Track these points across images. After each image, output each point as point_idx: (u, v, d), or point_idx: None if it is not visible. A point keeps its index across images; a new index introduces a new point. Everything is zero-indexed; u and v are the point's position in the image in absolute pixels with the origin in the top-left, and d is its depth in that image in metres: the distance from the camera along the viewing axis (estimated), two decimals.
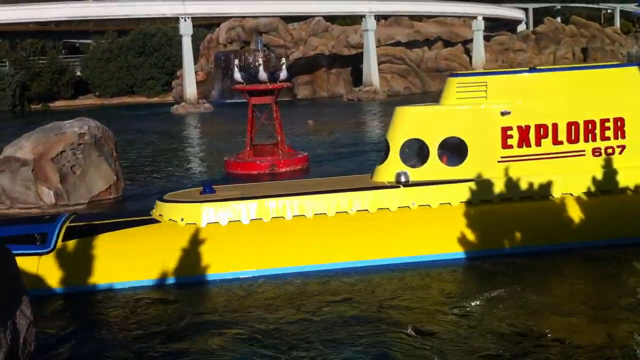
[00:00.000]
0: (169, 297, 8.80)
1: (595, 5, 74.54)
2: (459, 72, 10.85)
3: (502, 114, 9.88)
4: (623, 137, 10.05)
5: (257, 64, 18.07)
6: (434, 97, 41.88)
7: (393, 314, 7.83)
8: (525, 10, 67.40)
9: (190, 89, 44.04)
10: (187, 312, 8.19)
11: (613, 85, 10.17)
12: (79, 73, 57.28)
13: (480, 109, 10.02)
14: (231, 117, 34.07)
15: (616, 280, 8.79)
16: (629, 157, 10.08)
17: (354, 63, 49.84)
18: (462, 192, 9.81)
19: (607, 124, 10.01)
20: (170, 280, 9.16)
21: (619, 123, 10.03)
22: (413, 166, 10.13)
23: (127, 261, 9.20)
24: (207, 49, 52.46)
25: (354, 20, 54.53)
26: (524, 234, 9.71)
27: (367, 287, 8.82)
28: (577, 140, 10.00)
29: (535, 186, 9.87)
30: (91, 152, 14.54)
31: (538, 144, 9.94)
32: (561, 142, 9.98)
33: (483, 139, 9.96)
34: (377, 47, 47.80)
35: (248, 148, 17.84)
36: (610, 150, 10.07)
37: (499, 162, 9.93)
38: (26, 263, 8.62)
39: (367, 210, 9.70)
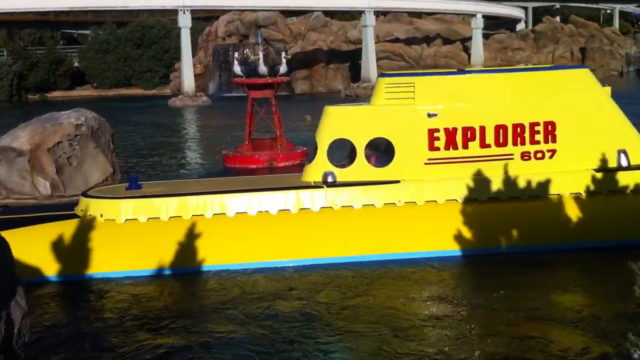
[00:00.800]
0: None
1: (594, 5, 74.46)
2: (389, 72, 10.64)
3: (429, 115, 9.76)
4: (554, 141, 9.85)
5: (257, 57, 18.00)
6: None
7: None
8: (525, 9, 67.32)
9: (188, 82, 43.92)
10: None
11: (544, 89, 9.97)
12: (76, 64, 57.06)
13: (408, 110, 9.85)
14: (229, 111, 34.00)
15: (605, 282, 8.76)
16: (560, 162, 9.86)
17: (352, 59, 49.75)
18: (386, 194, 9.68)
19: (537, 128, 9.82)
20: (79, 276, 9.03)
21: (549, 127, 9.84)
22: (341, 166, 10.02)
23: (37, 257, 9.00)
24: (205, 42, 52.31)
25: (353, 15, 54.40)
26: (447, 236, 9.56)
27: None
28: (505, 144, 9.82)
29: (462, 189, 9.69)
30: (88, 144, 14.50)
31: (465, 146, 9.77)
32: (489, 146, 9.80)
33: (410, 140, 9.83)
34: (375, 43, 47.73)
35: (246, 142, 17.80)
36: (540, 155, 9.87)
37: (425, 164, 9.81)
38: None
39: (289, 210, 9.56)
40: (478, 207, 9.64)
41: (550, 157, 9.87)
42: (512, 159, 9.84)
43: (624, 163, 9.94)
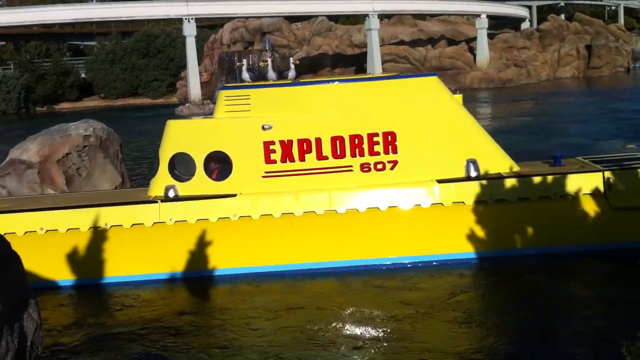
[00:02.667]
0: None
1: (599, 2, 74.28)
2: (229, 85, 10.42)
3: (264, 128, 9.61)
4: (395, 152, 9.61)
5: (266, 64, 18.00)
6: None
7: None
8: (529, 7, 67.21)
9: (195, 90, 44.04)
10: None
11: (384, 98, 9.72)
12: (83, 75, 57.35)
13: (243, 123, 9.70)
14: None
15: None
16: (402, 173, 9.62)
17: (357, 62, 49.75)
18: (221, 208, 9.50)
19: (375, 139, 9.58)
20: None
21: (389, 137, 9.59)
22: (183, 180, 9.86)
23: None
24: (211, 49, 52.43)
25: (357, 19, 54.44)
26: (284, 250, 9.40)
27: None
28: (343, 156, 9.61)
29: (298, 202, 9.49)
30: (96, 154, 14.53)
31: (302, 159, 9.61)
32: (326, 157, 9.60)
33: (247, 153, 9.69)
34: (380, 46, 47.73)
35: None
36: (380, 166, 9.63)
37: (263, 177, 9.65)
38: None
39: (121, 225, 9.38)
40: (315, 220, 9.45)
41: (392, 168, 9.62)
42: (351, 170, 9.63)
43: (473, 173, 9.62)
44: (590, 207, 9.34)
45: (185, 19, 44.06)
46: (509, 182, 9.49)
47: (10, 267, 4.18)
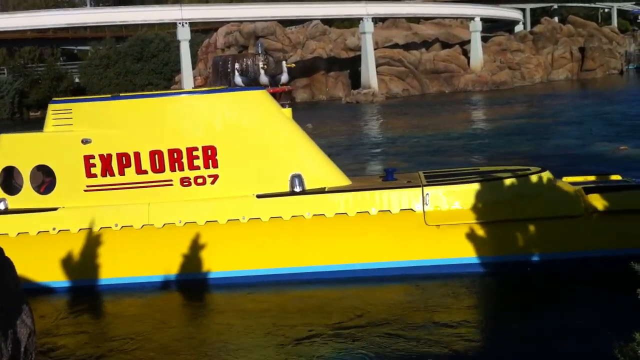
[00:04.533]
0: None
1: (592, 5, 74.56)
2: (56, 99, 10.33)
3: (84, 142, 9.60)
4: (215, 166, 9.55)
5: (264, 67, 17.96)
6: (432, 99, 41.90)
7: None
8: (523, 10, 67.40)
9: None
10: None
11: (202, 113, 9.68)
12: (77, 80, 57.27)
13: (65, 137, 9.69)
14: None
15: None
16: (222, 188, 9.55)
17: (352, 66, 49.84)
18: (40, 221, 9.52)
19: (195, 153, 9.54)
20: None
21: (209, 152, 9.55)
22: (14, 194, 9.84)
23: None
24: (205, 53, 52.46)
25: (351, 23, 54.52)
26: (106, 265, 9.34)
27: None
28: (162, 170, 9.59)
29: (116, 216, 9.50)
30: None
31: (122, 173, 9.60)
32: (145, 172, 9.60)
33: (69, 167, 9.68)
34: (375, 49, 47.81)
35: None
36: (200, 180, 9.58)
37: (85, 190, 9.64)
38: None
39: None
40: (133, 234, 9.45)
41: (212, 182, 9.56)
42: (171, 184, 9.60)
43: (297, 188, 9.58)
44: (406, 223, 9.22)
45: (179, 23, 44.07)
46: (329, 198, 9.46)
47: (3, 272, 4.17)
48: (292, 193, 9.60)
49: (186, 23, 44.10)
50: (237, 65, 20.42)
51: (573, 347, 6.82)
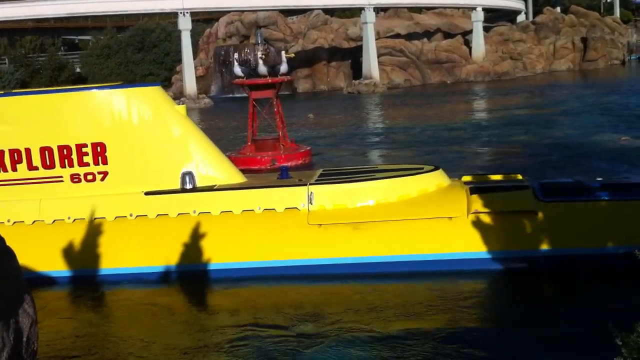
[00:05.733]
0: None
1: None
2: None
3: None
4: (105, 163, 9.52)
5: (259, 57, 17.95)
6: (434, 89, 41.88)
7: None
8: (525, 0, 67.22)
9: (190, 85, 44.00)
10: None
11: (92, 109, 9.62)
12: (78, 69, 57.31)
13: None
14: (232, 112, 34.05)
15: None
16: (112, 184, 9.53)
17: (353, 56, 49.76)
18: None
19: (84, 150, 9.50)
20: None
21: (98, 148, 9.50)
22: None
23: None
24: (206, 43, 52.40)
25: (353, 12, 54.40)
26: None
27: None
28: (52, 166, 9.55)
29: (9, 212, 9.52)
30: None
31: (14, 169, 9.56)
32: (37, 168, 9.57)
33: None
34: (376, 39, 47.72)
35: (249, 143, 17.79)
36: (90, 177, 9.56)
37: None
38: None
39: None
40: (24, 230, 9.42)
41: (102, 179, 9.53)
42: (61, 181, 9.58)
43: (188, 185, 9.56)
44: (290, 222, 9.14)
45: (181, 12, 43.99)
46: (216, 195, 9.43)
47: (5, 262, 4.18)
48: (182, 190, 9.57)
49: (187, 13, 44.02)
50: (235, 56, 20.37)
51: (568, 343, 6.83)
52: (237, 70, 18.07)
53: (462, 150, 18.92)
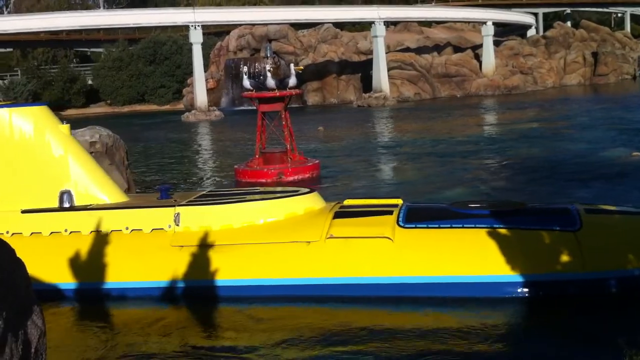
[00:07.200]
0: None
1: (605, 10, 74.21)
2: None
3: None
4: None
5: (267, 70, 18.05)
6: (444, 103, 41.83)
7: None
8: (535, 15, 67.23)
9: (201, 97, 44.19)
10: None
11: None
12: (90, 81, 57.62)
13: None
14: (242, 124, 34.15)
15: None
16: None
17: (363, 69, 49.86)
18: None
19: None
20: None
21: None
22: None
23: None
24: (217, 56, 52.63)
25: (363, 26, 54.58)
26: None
27: None
28: None
29: None
30: (102, 161, 14.57)
31: None
32: None
33: None
34: (386, 53, 47.82)
35: (257, 156, 17.83)
36: None
37: None
38: None
39: None
40: None
41: None
42: None
43: (66, 204, 9.54)
44: (155, 243, 9.05)
45: (192, 26, 44.27)
46: (89, 215, 9.39)
47: (14, 273, 4.19)
48: (57, 209, 9.57)
49: (199, 26, 44.29)
50: (244, 69, 20.46)
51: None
52: (246, 83, 18.17)
53: (467, 163, 18.90)
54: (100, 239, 9.20)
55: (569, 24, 63.83)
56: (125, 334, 8.00)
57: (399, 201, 9.53)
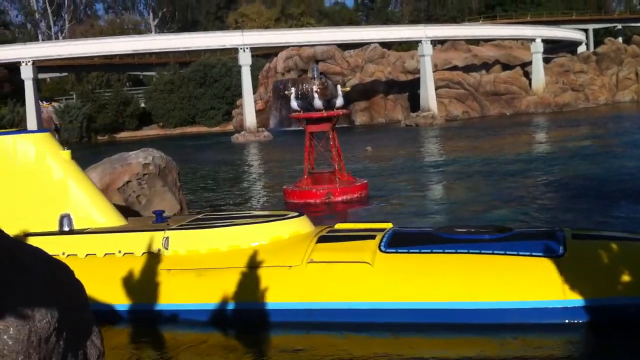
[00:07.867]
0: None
1: None
2: None
3: None
4: None
5: (314, 91, 18.24)
6: (492, 121, 41.39)
7: None
8: (585, 31, 66.31)
9: (250, 118, 44.75)
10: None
11: None
12: (142, 104, 58.87)
13: None
14: (290, 145, 34.43)
15: None
16: None
17: (411, 88, 49.85)
18: None
19: None
20: None
21: None
22: None
23: None
24: (265, 78, 53.31)
25: (410, 45, 54.61)
26: None
27: None
28: None
29: None
30: (155, 182, 14.91)
31: None
32: None
33: None
34: (434, 71, 47.75)
35: (306, 176, 17.96)
36: None
37: None
38: None
39: None
40: None
41: None
42: None
43: (66, 228, 9.60)
44: (146, 266, 8.99)
45: (241, 48, 44.98)
46: (84, 238, 9.42)
47: (73, 294, 4.35)
48: (56, 233, 9.67)
49: (247, 48, 44.97)
50: (292, 90, 20.69)
51: None
52: (294, 104, 18.37)
53: (517, 182, 18.67)
54: (95, 262, 9.37)
55: (620, 39, 62.74)
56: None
57: (389, 225, 9.41)
